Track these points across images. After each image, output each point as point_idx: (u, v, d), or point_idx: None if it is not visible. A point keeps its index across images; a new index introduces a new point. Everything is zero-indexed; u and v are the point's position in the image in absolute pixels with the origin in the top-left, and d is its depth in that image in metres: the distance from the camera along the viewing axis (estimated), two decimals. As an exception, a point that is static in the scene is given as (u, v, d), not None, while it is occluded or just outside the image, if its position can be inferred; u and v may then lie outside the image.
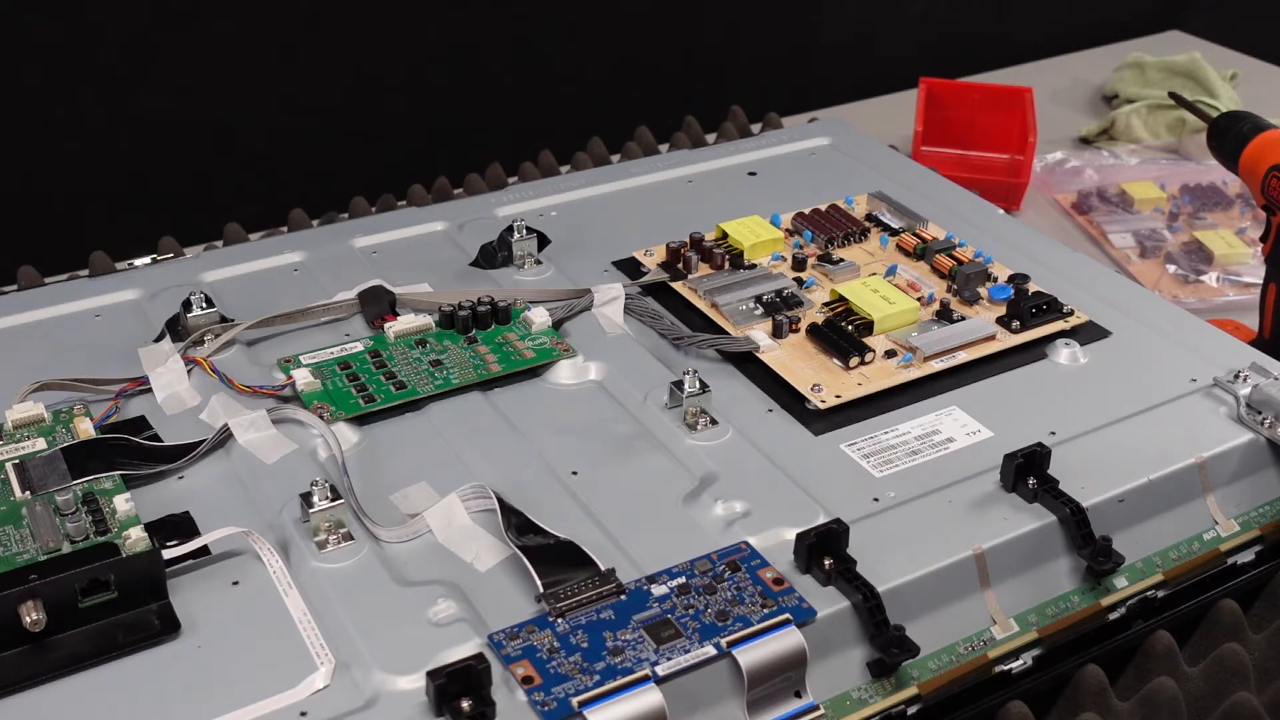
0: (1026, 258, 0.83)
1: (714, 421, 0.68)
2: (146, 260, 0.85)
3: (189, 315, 0.74)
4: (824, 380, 0.71)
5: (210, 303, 0.75)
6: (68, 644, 0.54)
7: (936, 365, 0.72)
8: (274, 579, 0.57)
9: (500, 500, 0.60)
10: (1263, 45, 1.48)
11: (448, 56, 1.25)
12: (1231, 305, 0.98)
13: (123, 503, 0.60)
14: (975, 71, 1.43)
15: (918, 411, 0.69)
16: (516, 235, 0.83)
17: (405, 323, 0.74)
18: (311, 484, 0.60)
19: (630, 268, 0.83)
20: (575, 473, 0.65)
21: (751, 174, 0.97)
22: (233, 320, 0.75)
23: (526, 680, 0.52)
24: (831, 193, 0.92)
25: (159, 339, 0.74)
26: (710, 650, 0.53)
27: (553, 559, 0.57)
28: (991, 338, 0.74)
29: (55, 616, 0.53)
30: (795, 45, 1.43)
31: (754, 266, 0.81)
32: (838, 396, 0.70)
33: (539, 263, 0.83)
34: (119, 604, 0.55)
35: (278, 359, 0.72)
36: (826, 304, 0.77)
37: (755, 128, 1.11)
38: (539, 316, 0.75)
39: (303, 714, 0.51)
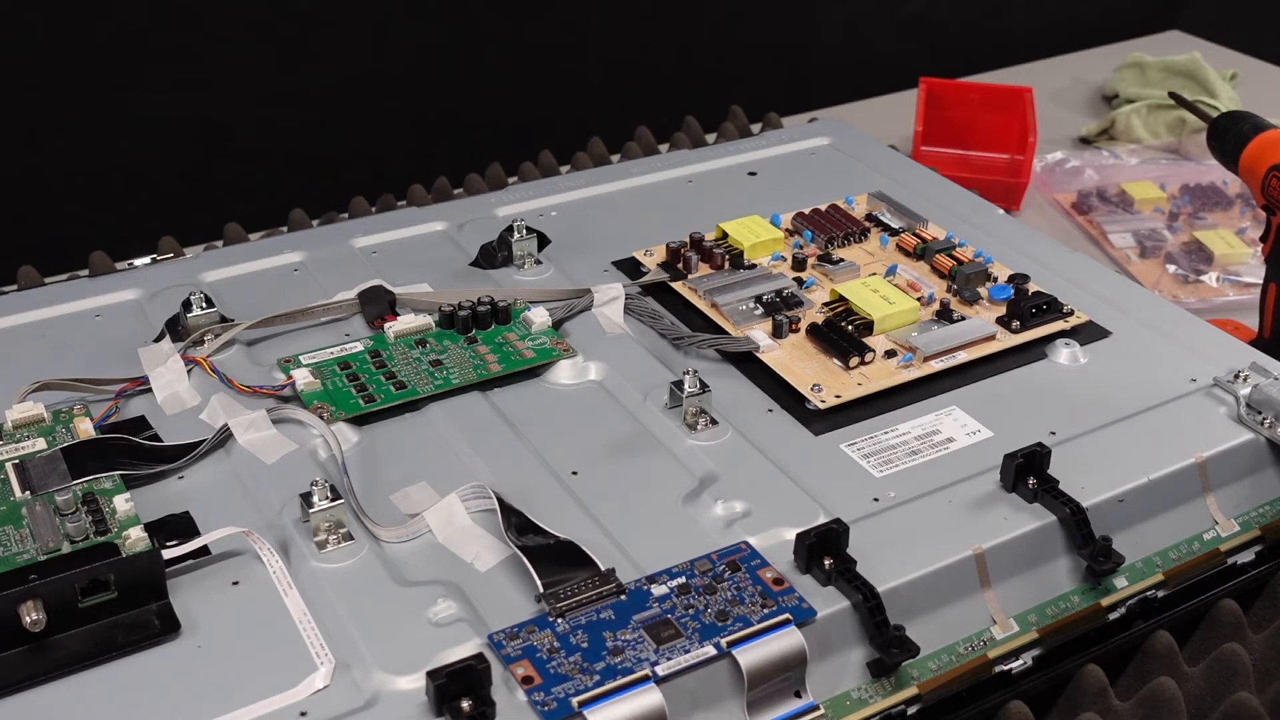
0: (1026, 258, 0.83)
1: (714, 421, 0.68)
2: (146, 260, 0.85)
3: (189, 315, 0.74)
4: (824, 380, 0.71)
5: (210, 303, 0.75)
6: (68, 644, 0.54)
7: (936, 365, 0.72)
8: (274, 579, 0.57)
9: (500, 500, 0.60)
10: (1263, 45, 1.48)
11: (448, 56, 1.25)
12: (1231, 305, 0.98)
13: (123, 503, 0.60)
14: (975, 71, 1.43)
15: (918, 411, 0.69)
16: (516, 235, 0.83)
17: (405, 323, 0.74)
18: (311, 484, 0.60)
19: (630, 268, 0.83)
20: (575, 473, 0.65)
21: (751, 174, 0.97)
22: (233, 320, 0.75)
23: (526, 680, 0.52)
24: (831, 193, 0.91)
25: (159, 339, 0.74)
26: (710, 650, 0.53)
27: (553, 559, 0.57)
28: (991, 338, 0.74)
29: (55, 616, 0.53)
30: (794, 45, 1.43)
31: (754, 266, 0.81)
32: (838, 396, 0.70)
33: (539, 263, 0.83)
34: (119, 604, 0.55)
35: (278, 359, 0.72)
36: (826, 304, 0.77)
37: (755, 128, 1.11)
38: (539, 316, 0.75)
39: (303, 714, 0.51)
